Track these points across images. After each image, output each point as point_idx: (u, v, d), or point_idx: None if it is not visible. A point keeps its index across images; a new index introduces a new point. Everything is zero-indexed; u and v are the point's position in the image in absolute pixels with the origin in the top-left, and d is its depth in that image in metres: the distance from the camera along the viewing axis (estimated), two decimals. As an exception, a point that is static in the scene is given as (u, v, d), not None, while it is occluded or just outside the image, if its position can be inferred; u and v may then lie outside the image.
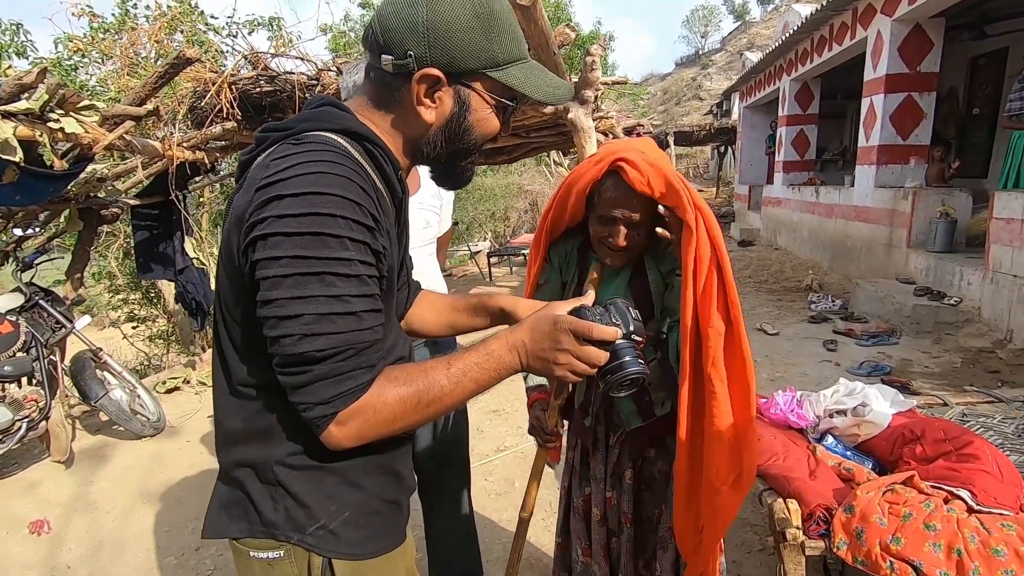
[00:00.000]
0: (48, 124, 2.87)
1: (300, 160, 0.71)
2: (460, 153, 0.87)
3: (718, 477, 1.23)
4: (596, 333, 0.80)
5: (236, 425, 0.85)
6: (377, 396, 0.75)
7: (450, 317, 1.14)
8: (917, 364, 3.91)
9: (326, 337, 0.70)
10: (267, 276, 0.69)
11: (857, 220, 6.69)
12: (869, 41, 6.32)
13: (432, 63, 0.77)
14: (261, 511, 0.83)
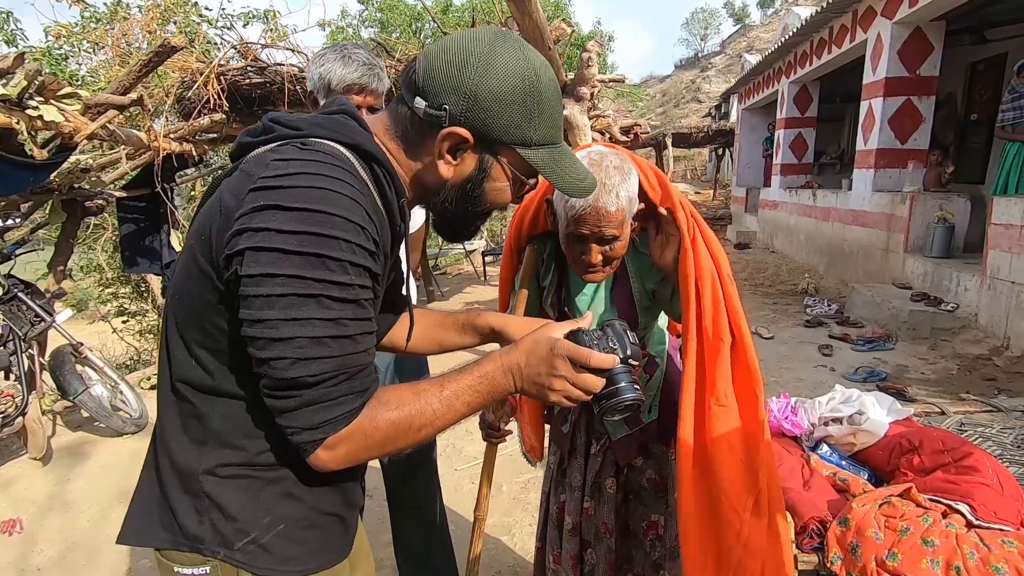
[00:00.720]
0: (26, 111, 2.79)
1: (306, 170, 0.68)
2: (469, 215, 0.86)
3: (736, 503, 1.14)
4: (595, 361, 0.79)
5: (168, 424, 0.80)
6: (369, 421, 0.73)
7: (438, 334, 1.11)
8: (913, 370, 3.87)
9: (320, 361, 0.68)
10: (260, 294, 0.66)
11: (854, 224, 6.66)
12: (869, 44, 6.29)
13: (465, 125, 0.76)
14: (184, 523, 0.78)
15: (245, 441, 0.77)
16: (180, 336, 0.77)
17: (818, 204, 7.82)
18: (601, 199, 1.11)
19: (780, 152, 9.61)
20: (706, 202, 17.38)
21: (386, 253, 0.79)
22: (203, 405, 0.77)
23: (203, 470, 0.77)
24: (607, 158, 1.15)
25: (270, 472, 0.79)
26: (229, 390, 0.76)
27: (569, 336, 0.82)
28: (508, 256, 1.44)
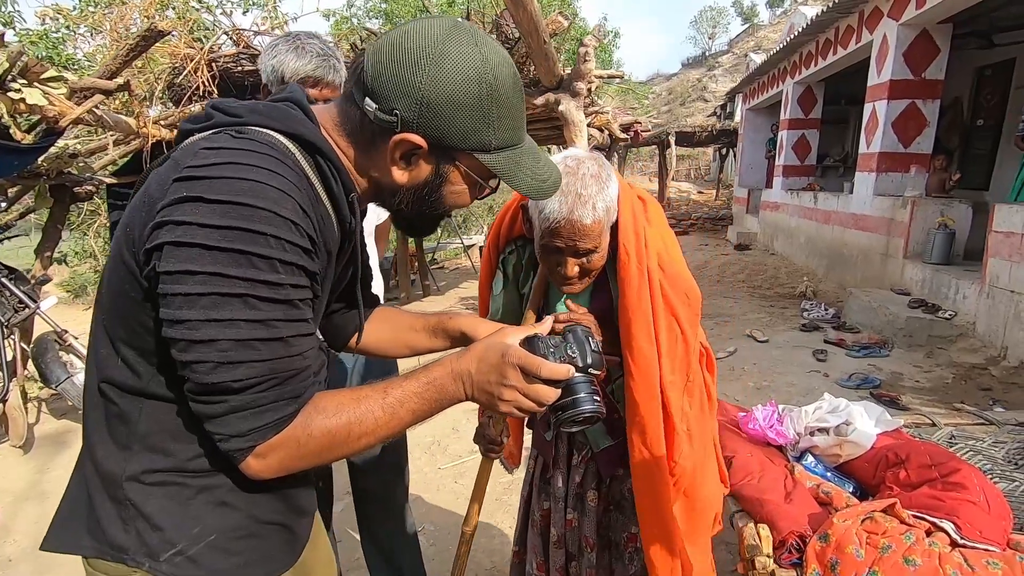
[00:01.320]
0: (8, 94, 2.73)
1: (235, 160, 0.63)
2: (426, 217, 0.83)
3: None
4: (546, 372, 0.74)
5: (93, 427, 0.76)
6: (302, 429, 0.69)
7: (408, 337, 1.06)
8: (908, 378, 3.82)
9: (247, 366, 0.64)
10: (179, 292, 0.61)
11: (855, 228, 6.59)
12: (874, 45, 6.20)
13: (418, 131, 0.71)
14: (109, 532, 0.73)
15: (174, 446, 0.73)
16: (106, 334, 0.73)
17: (819, 207, 7.75)
18: (576, 211, 1.04)
19: (783, 153, 9.53)
20: (708, 202, 17.30)
21: (329, 251, 0.74)
22: (128, 407, 0.73)
23: (127, 476, 0.72)
24: (584, 165, 1.08)
25: (201, 479, 0.74)
26: (156, 392, 0.72)
27: (524, 342, 0.77)
28: (487, 260, 1.38)
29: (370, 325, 1.06)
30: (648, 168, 23.94)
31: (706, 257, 9.27)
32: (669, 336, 1.17)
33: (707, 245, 10.91)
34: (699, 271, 8.27)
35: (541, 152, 0.82)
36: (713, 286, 7.30)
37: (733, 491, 1.70)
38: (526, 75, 3.68)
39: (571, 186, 1.05)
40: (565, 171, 1.06)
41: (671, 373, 1.18)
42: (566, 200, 1.04)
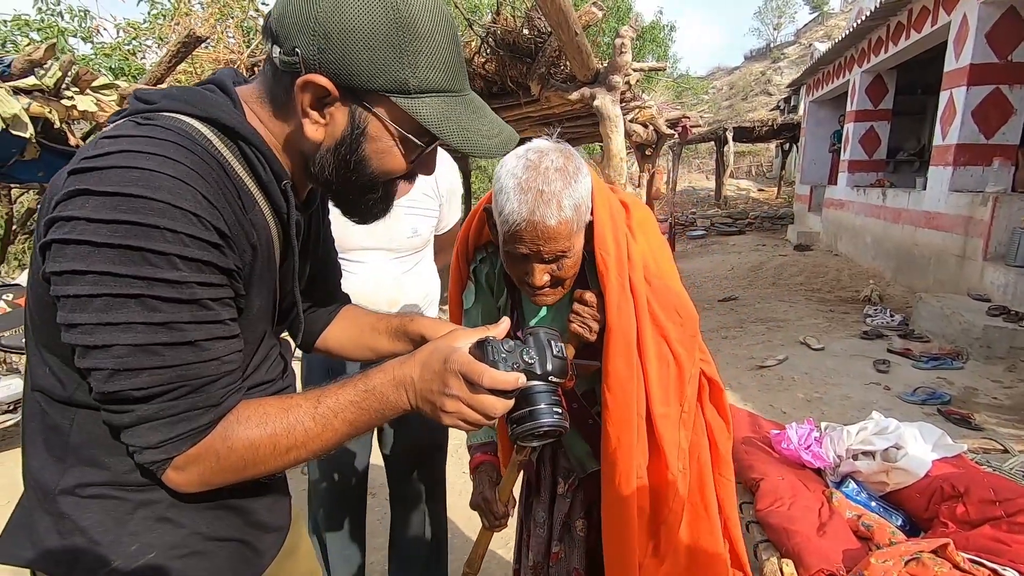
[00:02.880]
0: (62, 101, 2.89)
1: (129, 148, 0.58)
2: (356, 186, 0.72)
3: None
4: (487, 381, 0.65)
5: (30, 437, 0.72)
6: (221, 441, 0.65)
7: (370, 339, 0.99)
8: (984, 394, 3.44)
9: (148, 373, 0.60)
10: (70, 294, 0.57)
11: (927, 227, 6.06)
12: (952, 27, 5.67)
13: (321, 70, 0.62)
14: (47, 545, 0.70)
15: (108, 459, 0.69)
16: (34, 341, 0.70)
17: (888, 204, 7.19)
18: (538, 211, 0.90)
19: (848, 148, 8.92)
20: (769, 200, 16.51)
21: (254, 245, 0.68)
22: (60, 417, 0.69)
23: (60, 489, 0.69)
24: (547, 157, 0.94)
25: (140, 494, 0.70)
26: (83, 400, 0.67)
27: (474, 347, 0.68)
28: (456, 271, 1.26)
29: (335, 324, 1.00)
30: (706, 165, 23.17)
31: (762, 258, 8.80)
32: (659, 362, 1.03)
33: (764, 246, 10.38)
34: (752, 273, 7.86)
35: (489, 111, 0.72)
36: (767, 289, 6.91)
37: (759, 518, 1.54)
38: (561, 70, 3.57)
39: (531, 183, 0.91)
40: (526, 166, 0.93)
41: (663, 405, 1.04)
42: (526, 199, 0.91)
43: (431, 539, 1.84)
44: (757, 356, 4.35)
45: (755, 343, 4.74)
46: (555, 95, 3.62)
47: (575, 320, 1.04)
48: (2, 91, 2.58)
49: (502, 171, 0.96)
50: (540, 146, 0.97)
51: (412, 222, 1.58)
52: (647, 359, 1.01)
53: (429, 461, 1.79)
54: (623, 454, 1.01)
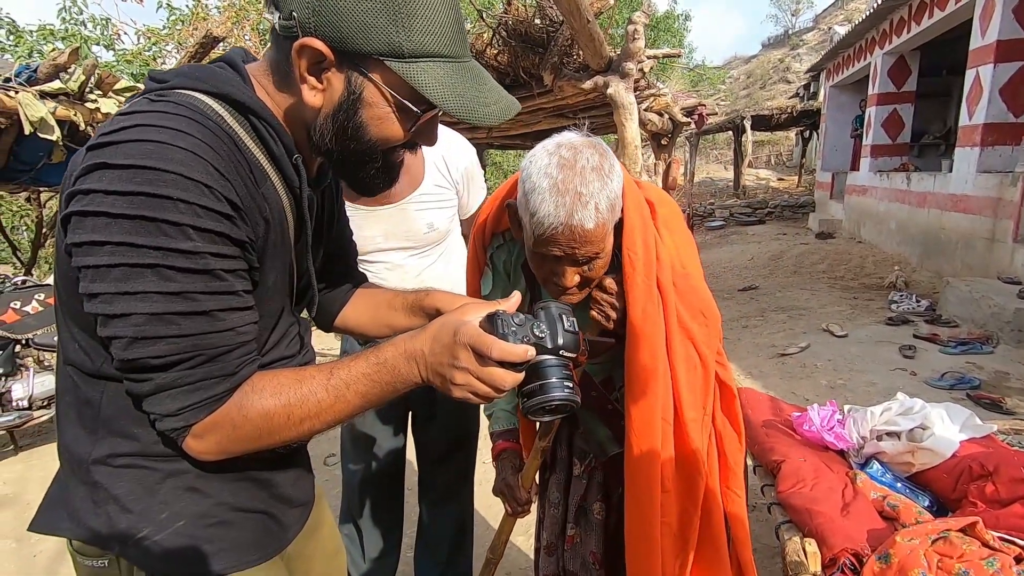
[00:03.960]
0: (86, 105, 2.97)
1: (144, 123, 0.60)
2: (356, 155, 0.72)
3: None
4: (496, 353, 0.65)
5: (63, 411, 0.75)
6: (237, 409, 0.66)
7: (387, 316, 0.99)
8: (1016, 378, 3.34)
9: (165, 342, 0.61)
10: (89, 264, 0.59)
11: (954, 210, 5.90)
12: (978, 3, 5.50)
13: (316, 34, 0.62)
14: (81, 514, 0.73)
15: (137, 430, 0.71)
16: (63, 317, 0.73)
17: (912, 189, 7.01)
18: (577, 215, 0.86)
19: (871, 132, 8.72)
20: (789, 189, 16.23)
21: (267, 219, 0.69)
22: (90, 390, 0.72)
23: (93, 459, 0.72)
24: (582, 155, 0.89)
25: (168, 464, 0.72)
26: (111, 373, 0.70)
27: (485, 320, 0.68)
28: (473, 257, 1.25)
29: (353, 303, 1.01)
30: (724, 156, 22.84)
31: (782, 247, 8.66)
32: (687, 366, 1.01)
33: (784, 235, 10.21)
34: (773, 262, 7.74)
35: (489, 79, 0.71)
36: (788, 278, 6.80)
37: (781, 500, 1.53)
38: (574, 59, 3.55)
39: (569, 183, 0.87)
40: (560, 165, 0.89)
41: (692, 409, 1.02)
42: (564, 201, 0.87)
43: (457, 528, 1.86)
44: (779, 344, 4.29)
45: (776, 331, 4.68)
46: (568, 85, 3.60)
47: (594, 307, 1.03)
48: (29, 95, 2.67)
49: (532, 168, 0.91)
50: (572, 142, 0.92)
51: (427, 217, 1.56)
52: (676, 363, 1.00)
53: (459, 452, 1.80)
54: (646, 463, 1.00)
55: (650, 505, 1.02)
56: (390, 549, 1.88)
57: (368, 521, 1.81)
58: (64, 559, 2.38)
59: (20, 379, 3.16)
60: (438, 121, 0.76)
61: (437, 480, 1.83)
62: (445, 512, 1.85)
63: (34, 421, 3.17)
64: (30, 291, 3.33)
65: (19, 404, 3.11)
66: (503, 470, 1.22)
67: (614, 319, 1.01)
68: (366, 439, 1.74)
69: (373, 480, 1.78)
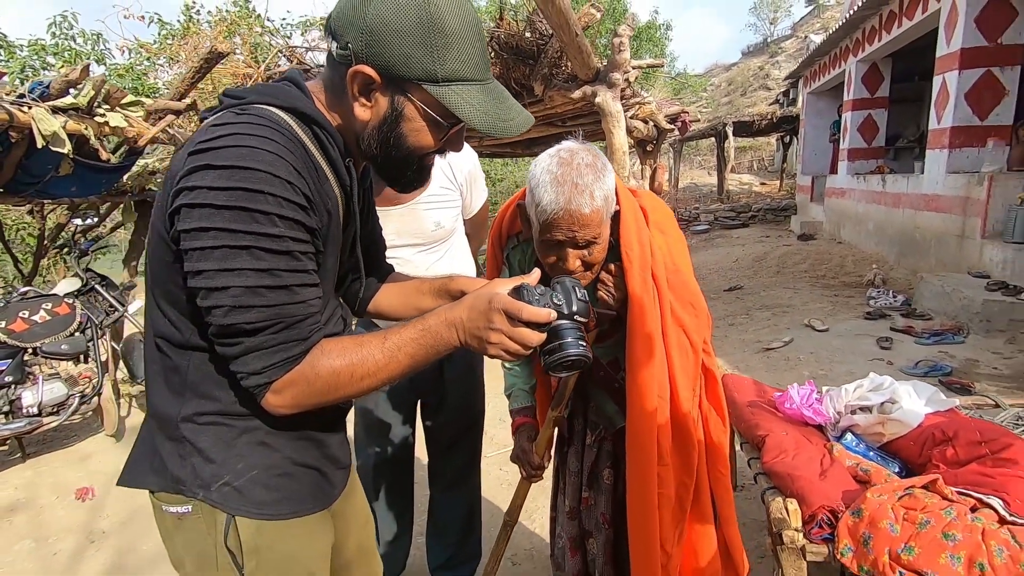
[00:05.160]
0: (95, 119, 3.07)
1: (235, 131, 0.72)
2: (397, 161, 0.85)
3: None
4: (527, 314, 0.79)
5: (152, 378, 0.87)
6: (311, 368, 0.77)
7: (415, 299, 1.13)
8: (984, 365, 3.55)
9: (256, 310, 0.72)
10: (196, 247, 0.71)
11: (927, 210, 6.16)
12: (943, 13, 5.78)
13: (367, 62, 0.76)
14: (169, 466, 0.85)
15: (218, 392, 0.83)
16: (153, 297, 0.84)
17: (888, 190, 7.29)
18: (574, 201, 1.05)
19: (847, 136, 9.02)
20: (772, 193, 16.57)
21: (329, 211, 0.82)
22: (178, 359, 0.83)
23: (182, 417, 0.83)
24: (578, 155, 1.08)
25: (243, 421, 0.84)
26: (196, 343, 0.82)
27: (512, 291, 0.82)
28: (491, 257, 1.42)
29: (384, 290, 1.14)
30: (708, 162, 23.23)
31: (766, 249, 8.91)
32: (680, 351, 1.17)
33: (768, 237, 10.47)
34: (757, 263, 7.96)
35: (509, 97, 0.84)
36: (772, 278, 7.02)
37: (765, 469, 1.68)
38: (563, 69, 3.72)
39: (567, 176, 1.05)
40: (559, 163, 1.07)
41: (686, 390, 1.18)
42: (563, 190, 1.05)
43: (466, 509, 1.97)
44: (763, 340, 4.47)
45: (761, 328, 4.86)
46: (558, 94, 3.77)
47: (601, 288, 1.18)
48: (43, 110, 2.76)
49: (537, 169, 1.09)
50: (570, 146, 1.11)
51: (434, 216, 1.70)
52: (670, 348, 1.15)
53: (467, 439, 1.92)
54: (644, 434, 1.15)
55: (647, 473, 1.16)
56: (403, 532, 1.99)
57: (382, 505, 1.91)
58: (82, 557, 2.46)
59: (29, 387, 3.23)
60: (464, 132, 0.90)
61: (447, 466, 1.94)
62: (455, 497, 1.96)
63: (43, 428, 3.23)
64: (38, 301, 3.40)
65: (29, 411, 3.18)
66: (520, 439, 1.36)
67: (617, 298, 1.16)
68: (379, 427, 1.86)
69: (386, 466, 1.89)
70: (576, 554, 1.47)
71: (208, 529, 0.85)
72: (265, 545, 0.87)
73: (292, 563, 0.90)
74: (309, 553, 0.93)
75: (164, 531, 0.91)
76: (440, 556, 2.00)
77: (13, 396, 3.16)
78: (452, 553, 1.98)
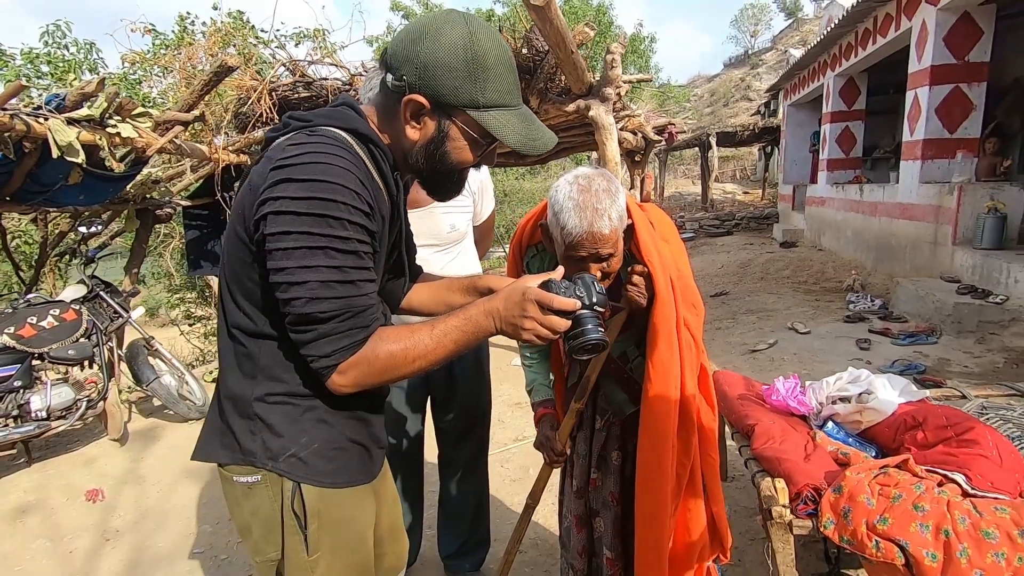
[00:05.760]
0: (107, 129, 3.16)
1: (311, 150, 0.85)
2: (441, 174, 0.98)
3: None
4: (557, 304, 0.91)
5: (227, 363, 0.99)
6: (371, 351, 0.88)
7: (446, 296, 1.25)
8: (956, 364, 3.76)
9: (328, 301, 0.83)
10: (279, 248, 0.83)
11: (902, 218, 6.43)
12: (913, 32, 6.09)
13: (420, 92, 0.88)
14: (241, 441, 0.96)
15: (286, 375, 0.95)
16: (229, 292, 0.96)
17: (865, 199, 7.58)
18: (596, 224, 1.19)
19: (826, 147, 9.34)
20: (754, 202, 16.95)
21: (383, 216, 0.95)
22: (252, 346, 0.95)
23: (255, 397, 0.95)
24: (595, 182, 1.22)
25: (306, 401, 0.96)
26: (269, 332, 0.94)
27: (541, 285, 0.95)
28: (512, 262, 1.57)
29: (416, 289, 1.26)
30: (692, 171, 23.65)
31: (749, 256, 9.16)
32: (687, 348, 1.32)
33: (751, 244, 10.75)
34: (742, 270, 8.20)
35: (536, 119, 0.96)
36: (756, 284, 7.24)
37: (755, 454, 1.83)
38: (558, 84, 3.89)
39: (588, 202, 1.20)
40: (579, 189, 1.21)
41: (691, 381, 1.33)
42: (585, 215, 1.19)
43: (476, 498, 2.09)
44: (749, 342, 4.65)
45: (747, 331, 5.05)
46: (553, 107, 3.93)
47: (631, 290, 1.31)
48: (59, 121, 2.86)
49: (559, 195, 1.24)
50: (586, 172, 1.26)
51: (450, 219, 1.85)
52: (681, 343, 1.30)
53: (476, 430, 2.04)
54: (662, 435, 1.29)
55: (663, 452, 1.30)
56: (416, 521, 2.11)
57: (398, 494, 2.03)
58: (99, 555, 2.53)
59: (37, 391, 3.28)
60: (497, 149, 1.04)
61: (458, 457, 2.06)
62: (466, 486, 2.08)
63: (51, 432, 3.28)
64: (45, 307, 3.46)
65: (37, 415, 3.23)
66: (544, 428, 1.50)
67: (646, 299, 1.31)
68: (393, 419, 1.98)
69: (398, 457, 1.99)
70: (581, 530, 1.59)
71: (275, 496, 0.97)
72: (325, 509, 0.99)
73: (347, 526, 1.03)
74: (361, 519, 1.06)
75: (232, 500, 1.02)
76: (452, 545, 2.11)
77: (22, 400, 3.21)
78: (463, 540, 2.10)
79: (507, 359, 4.62)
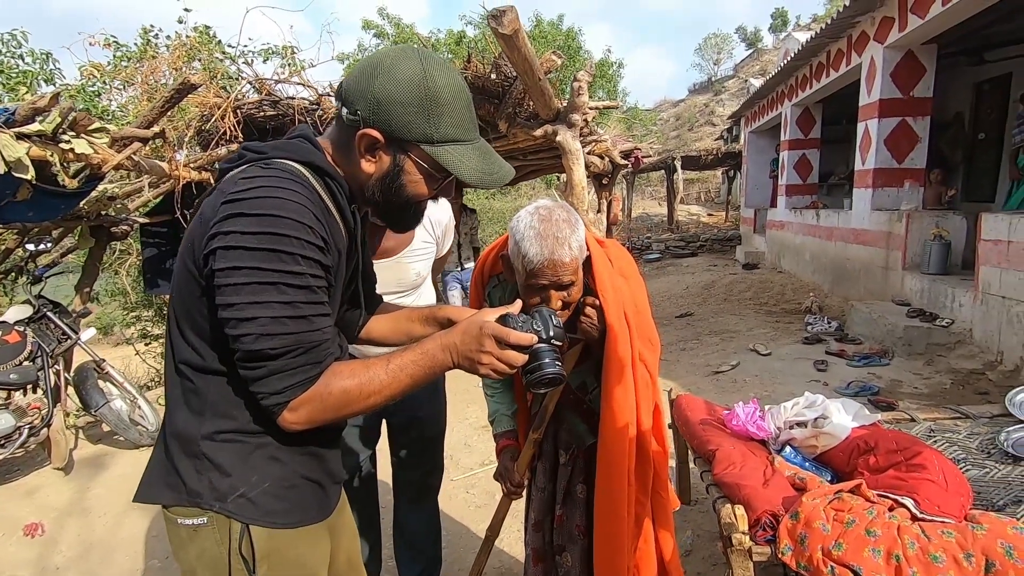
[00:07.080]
0: (60, 145, 3.05)
1: (264, 184, 0.83)
2: (397, 207, 0.98)
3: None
4: (513, 338, 0.91)
5: (173, 400, 0.95)
6: (324, 387, 0.86)
7: (406, 326, 1.24)
8: (907, 385, 3.90)
9: (279, 337, 0.81)
10: (229, 283, 0.80)
11: (856, 243, 6.71)
12: (863, 67, 6.43)
13: (375, 126, 0.88)
14: (187, 481, 0.93)
15: (235, 411, 0.92)
16: (178, 326, 0.93)
17: (821, 223, 7.89)
18: (556, 252, 1.21)
19: (785, 173, 9.71)
20: (718, 224, 17.45)
21: (339, 250, 0.94)
22: (200, 382, 0.92)
23: (202, 435, 0.92)
24: (555, 212, 1.25)
25: (256, 438, 0.93)
26: (217, 368, 0.91)
27: (499, 319, 0.95)
28: (475, 295, 1.57)
29: (375, 319, 1.25)
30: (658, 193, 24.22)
31: (713, 277, 9.40)
32: (643, 384, 1.34)
33: (715, 266, 11.03)
34: (706, 291, 8.39)
35: (493, 152, 0.97)
36: (719, 305, 7.42)
37: (716, 480, 1.85)
38: (526, 108, 3.95)
39: (548, 231, 1.22)
40: (540, 219, 1.23)
41: (647, 417, 1.34)
42: (546, 243, 1.21)
43: (434, 520, 2.07)
44: (712, 363, 4.75)
45: (710, 352, 5.15)
46: (521, 131, 3.99)
47: (585, 321, 1.33)
48: (8, 137, 2.75)
49: (520, 224, 1.26)
50: (547, 204, 1.29)
51: (416, 267, 1.86)
52: (638, 383, 1.31)
53: (430, 452, 2.02)
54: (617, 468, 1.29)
55: (618, 487, 1.31)
56: (374, 553, 2.06)
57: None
58: None
59: (-25, 418, 3.10)
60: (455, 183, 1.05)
61: (413, 479, 2.03)
62: (421, 508, 2.05)
63: (-11, 461, 3.09)
64: (-13, 328, 3.28)
65: (-25, 443, 3.05)
66: (504, 459, 1.49)
67: (599, 329, 1.32)
68: (347, 449, 1.94)
69: (354, 489, 1.95)
70: (538, 564, 1.57)
71: (222, 538, 0.93)
72: (276, 550, 0.95)
73: (299, 567, 0.99)
74: (313, 559, 1.02)
75: (177, 542, 0.98)
76: (414, 569, 2.07)
77: (-41, 428, 3.02)
78: (424, 565, 2.06)
79: (474, 380, 4.59)
